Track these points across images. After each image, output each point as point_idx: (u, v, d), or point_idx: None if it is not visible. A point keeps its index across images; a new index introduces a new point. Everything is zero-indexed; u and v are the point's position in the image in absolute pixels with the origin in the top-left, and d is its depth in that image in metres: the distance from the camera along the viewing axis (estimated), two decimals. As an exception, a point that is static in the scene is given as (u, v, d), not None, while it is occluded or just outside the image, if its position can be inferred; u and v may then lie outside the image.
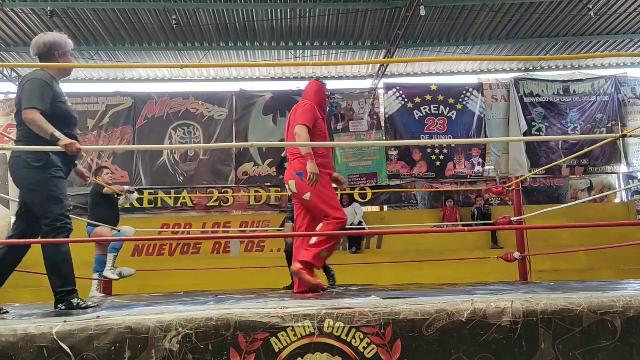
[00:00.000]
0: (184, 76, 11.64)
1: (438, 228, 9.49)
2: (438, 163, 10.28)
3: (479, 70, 11.84)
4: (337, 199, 3.83)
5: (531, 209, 7.33)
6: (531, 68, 11.67)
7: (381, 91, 10.92)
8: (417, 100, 10.43)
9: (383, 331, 2.04)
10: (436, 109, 10.42)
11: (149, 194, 10.23)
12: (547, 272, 7.72)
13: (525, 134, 10.13)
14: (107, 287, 5.87)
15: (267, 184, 10.48)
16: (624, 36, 10.36)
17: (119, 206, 6.08)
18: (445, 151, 10.31)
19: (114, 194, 5.87)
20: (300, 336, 2.01)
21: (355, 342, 2.02)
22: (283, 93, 10.92)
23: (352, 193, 9.95)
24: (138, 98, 10.66)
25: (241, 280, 7.06)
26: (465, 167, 10.31)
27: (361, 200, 10.39)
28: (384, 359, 2.02)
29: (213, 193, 10.42)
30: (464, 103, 10.48)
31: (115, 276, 5.37)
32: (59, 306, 2.83)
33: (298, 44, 10.27)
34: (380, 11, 9.05)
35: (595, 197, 10.52)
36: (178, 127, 10.51)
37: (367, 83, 11.71)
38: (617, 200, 11.38)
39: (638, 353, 2.08)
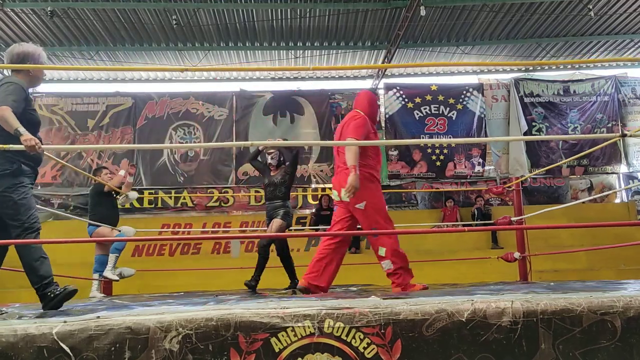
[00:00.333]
0: (184, 76, 11.65)
1: (438, 228, 9.49)
2: (438, 163, 10.28)
3: (479, 70, 11.84)
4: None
5: (531, 209, 7.34)
6: (531, 68, 11.66)
7: (381, 91, 10.91)
8: (417, 100, 10.43)
9: (383, 331, 2.04)
10: (436, 109, 10.41)
11: (149, 194, 10.24)
12: (547, 272, 7.72)
13: (525, 134, 10.13)
14: (107, 287, 5.87)
15: (267, 184, 10.47)
16: (624, 36, 10.35)
17: (119, 206, 6.09)
18: (445, 151, 10.31)
19: (114, 193, 5.88)
20: (300, 336, 2.01)
21: (355, 342, 2.02)
22: (283, 93, 10.93)
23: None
24: (138, 98, 10.67)
25: (241, 280, 7.00)
26: (465, 167, 10.30)
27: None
28: (384, 359, 2.02)
29: (213, 193, 10.42)
30: (464, 103, 10.48)
31: (115, 276, 5.38)
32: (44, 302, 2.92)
33: (298, 44, 10.27)
34: (380, 11, 9.05)
35: (595, 197, 10.51)
36: (178, 127, 10.51)
37: (367, 83, 11.70)
38: (617, 200, 11.38)
39: (638, 353, 2.08)
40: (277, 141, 5.75)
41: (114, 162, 10.23)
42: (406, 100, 10.56)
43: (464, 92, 10.57)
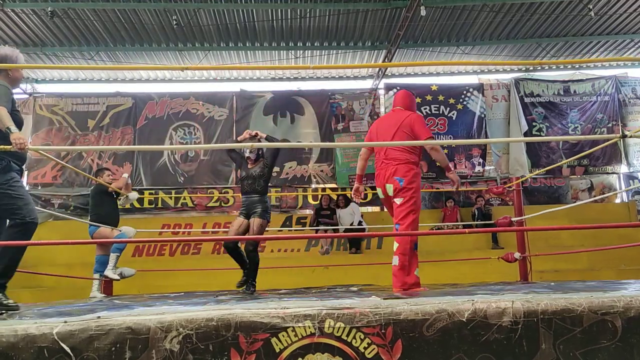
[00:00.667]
0: (184, 76, 11.64)
1: (438, 228, 9.48)
2: (438, 163, 10.26)
3: (479, 70, 11.83)
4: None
5: (532, 209, 7.34)
6: (531, 68, 11.66)
7: (381, 91, 10.91)
8: (418, 100, 10.42)
9: (383, 331, 2.04)
10: (436, 109, 10.41)
11: (150, 195, 10.24)
12: (548, 272, 7.71)
13: (525, 134, 10.13)
14: (108, 288, 5.87)
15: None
16: (624, 36, 10.35)
17: (119, 206, 6.10)
18: (445, 151, 10.29)
19: (114, 194, 5.89)
20: (300, 336, 2.01)
21: (355, 343, 2.02)
22: (283, 93, 10.93)
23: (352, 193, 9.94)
24: (138, 98, 10.67)
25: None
26: (465, 167, 10.30)
27: (361, 200, 10.38)
28: (385, 359, 2.02)
29: (213, 193, 10.42)
30: (465, 103, 10.48)
31: (116, 276, 5.38)
32: None
33: (298, 44, 10.26)
34: (380, 11, 9.05)
35: (595, 198, 10.51)
36: (178, 128, 10.51)
37: (368, 83, 11.70)
38: (618, 200, 11.37)
39: (638, 353, 2.08)
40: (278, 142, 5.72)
41: (115, 163, 10.23)
42: (406, 100, 10.53)
43: (464, 92, 10.57)
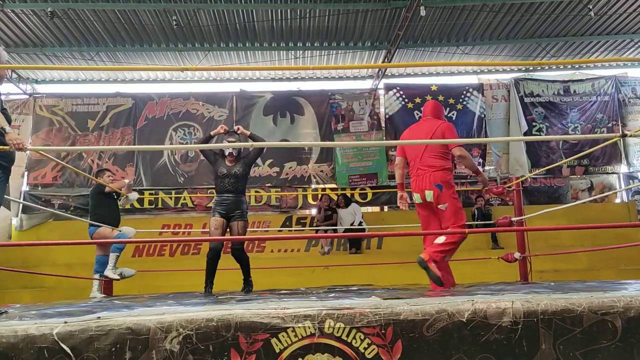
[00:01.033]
0: (184, 77, 11.64)
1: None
2: (467, 169, 10.25)
3: (479, 70, 11.83)
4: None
5: (531, 209, 7.34)
6: (531, 68, 11.65)
7: (381, 91, 10.92)
8: (418, 100, 10.43)
9: (383, 331, 2.04)
10: (436, 109, 10.39)
11: (150, 195, 10.24)
12: (548, 272, 7.72)
13: (525, 134, 10.13)
14: (108, 288, 5.88)
15: (268, 185, 10.48)
16: (624, 36, 10.35)
17: (120, 207, 6.10)
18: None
19: (114, 193, 5.89)
20: (300, 337, 2.01)
21: (355, 343, 2.02)
22: (283, 93, 10.94)
23: (352, 193, 9.96)
24: (138, 99, 10.68)
25: (241, 280, 7.04)
26: (465, 167, 10.29)
27: (361, 200, 10.38)
28: (385, 359, 2.02)
29: (213, 194, 10.41)
30: (464, 103, 10.48)
31: (116, 276, 5.38)
32: None
33: (298, 44, 10.26)
34: (380, 11, 9.05)
35: (595, 197, 10.51)
36: (178, 128, 10.52)
37: (367, 83, 11.70)
38: (618, 200, 11.37)
39: (638, 353, 2.08)
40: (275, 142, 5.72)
41: (115, 163, 10.24)
42: (406, 100, 10.56)
43: (464, 92, 10.58)
